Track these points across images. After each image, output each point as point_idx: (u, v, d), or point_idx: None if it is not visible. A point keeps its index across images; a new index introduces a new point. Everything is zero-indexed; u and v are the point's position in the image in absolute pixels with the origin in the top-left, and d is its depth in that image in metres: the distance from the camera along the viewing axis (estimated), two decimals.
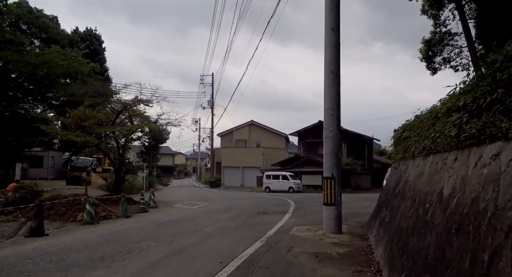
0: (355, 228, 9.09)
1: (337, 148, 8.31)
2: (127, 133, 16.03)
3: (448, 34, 17.22)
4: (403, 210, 5.36)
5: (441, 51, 17.79)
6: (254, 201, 17.72)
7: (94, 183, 29.09)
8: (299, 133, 40.37)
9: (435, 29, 17.27)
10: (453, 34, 17.17)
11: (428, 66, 17.97)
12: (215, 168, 49.77)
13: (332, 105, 8.31)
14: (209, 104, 48.35)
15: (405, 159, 6.79)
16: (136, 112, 17.50)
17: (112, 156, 17.68)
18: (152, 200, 15.17)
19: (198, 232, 7.97)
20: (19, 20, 29.37)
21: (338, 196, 8.24)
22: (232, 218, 10.51)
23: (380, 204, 7.98)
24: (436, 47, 17.53)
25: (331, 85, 8.30)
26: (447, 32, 17.18)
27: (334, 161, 8.27)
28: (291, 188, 30.65)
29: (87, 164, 30.50)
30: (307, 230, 8.55)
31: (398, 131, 7.53)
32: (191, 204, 16.15)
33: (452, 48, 17.67)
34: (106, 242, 6.66)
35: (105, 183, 26.63)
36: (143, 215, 12.35)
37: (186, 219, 10.43)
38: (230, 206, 14.35)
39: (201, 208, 14.16)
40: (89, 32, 44.09)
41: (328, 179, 8.27)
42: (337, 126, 8.34)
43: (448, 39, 17.38)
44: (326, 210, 8.29)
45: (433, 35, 17.26)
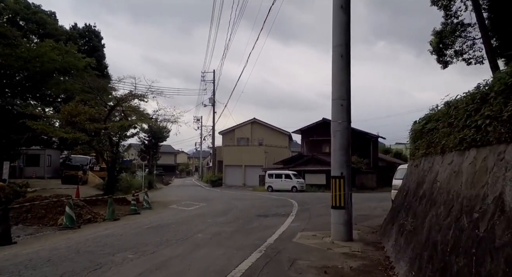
0: (367, 234, 8.05)
1: (347, 143, 7.28)
2: (118, 130, 15.05)
3: (461, 25, 16.14)
4: (433, 218, 4.33)
5: (452, 43, 16.73)
6: (255, 201, 16.71)
7: (91, 182, 28.19)
8: (302, 131, 39.31)
9: (446, 21, 16.21)
10: (466, 25, 16.10)
11: (439, 59, 16.90)
12: (217, 167, 48.82)
13: (341, 94, 7.27)
14: (210, 102, 47.38)
15: (429, 155, 5.75)
16: (130, 107, 16.51)
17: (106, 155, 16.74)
18: (146, 201, 14.19)
19: (187, 239, 6.96)
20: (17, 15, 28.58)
21: (348, 198, 7.20)
22: (229, 222, 9.50)
23: (398, 207, 6.94)
24: (448, 39, 16.44)
25: (340, 71, 7.26)
26: (459, 23, 16.11)
27: (344, 158, 7.23)
28: (294, 188, 29.65)
29: (84, 162, 29.63)
30: (313, 237, 7.52)
31: (419, 122, 6.47)
32: (187, 205, 15.17)
33: (464, 40, 16.59)
34: (75, 254, 5.67)
35: (102, 182, 25.73)
36: (133, 217, 11.38)
37: (178, 222, 9.44)
38: (229, 208, 13.35)
39: (197, 210, 13.18)
40: (88, 28, 43.20)
41: (337, 178, 7.23)
42: (347, 118, 7.29)
43: (460, 30, 16.31)
44: (335, 214, 7.25)
45: (444, 26, 16.21)
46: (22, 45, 21.66)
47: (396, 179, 17.08)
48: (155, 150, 42.49)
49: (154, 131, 40.47)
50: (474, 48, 16.50)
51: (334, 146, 7.37)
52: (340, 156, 7.26)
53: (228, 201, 16.72)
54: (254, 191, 30.94)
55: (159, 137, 41.20)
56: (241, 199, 18.15)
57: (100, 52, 42.55)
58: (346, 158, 7.27)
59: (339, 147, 7.27)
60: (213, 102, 46.71)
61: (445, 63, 17.11)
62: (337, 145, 7.29)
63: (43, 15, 33.12)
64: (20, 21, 29.24)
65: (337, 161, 7.29)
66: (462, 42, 16.72)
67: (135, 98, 16.72)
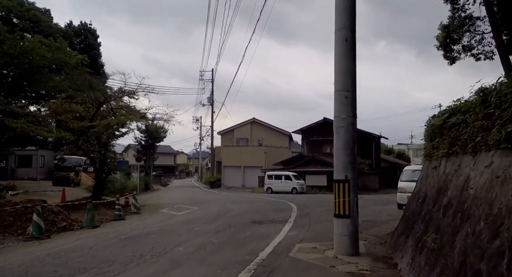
0: (375, 245, 7.04)
1: (352, 141, 6.26)
2: (104, 129, 14.04)
3: (469, 18, 15.15)
4: (469, 238, 3.32)
5: (460, 38, 15.73)
6: (252, 205, 15.70)
7: (84, 184, 27.23)
8: (303, 131, 38.31)
9: (453, 14, 15.23)
10: (475, 18, 15.10)
11: (446, 55, 15.89)
12: (216, 168, 47.83)
13: (346, 85, 6.25)
14: (209, 101, 46.39)
15: (453, 155, 4.74)
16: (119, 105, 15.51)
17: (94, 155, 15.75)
18: (133, 205, 13.19)
19: (165, 254, 5.95)
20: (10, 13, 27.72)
21: (354, 205, 6.19)
22: (218, 230, 8.48)
23: (412, 217, 5.92)
24: (456, 33, 15.43)
25: (344, 57, 6.25)
26: (467, 17, 15.13)
27: (349, 159, 6.22)
28: (294, 189, 28.64)
29: (77, 163, 28.68)
30: (313, 250, 6.51)
31: (439, 117, 5.45)
32: (179, 209, 14.16)
33: (473, 35, 15.59)
34: None
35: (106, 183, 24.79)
36: (115, 224, 10.39)
37: (161, 231, 8.43)
38: (222, 212, 12.34)
39: (188, 215, 12.17)
40: (84, 26, 42.31)
41: (341, 182, 6.22)
42: (353, 112, 6.28)
43: (468, 24, 15.32)
44: (338, 224, 6.23)
45: (451, 20, 15.23)
46: (8, 40, 20.73)
47: (403, 181, 16.05)
48: (152, 151, 41.48)
49: (151, 131, 39.48)
50: (483, 43, 15.53)
51: (337, 145, 6.36)
52: (344, 156, 6.24)
53: (223, 205, 15.71)
54: (252, 193, 29.94)
55: (156, 137, 40.19)
56: (237, 202, 17.13)
57: (96, 51, 41.64)
58: (351, 158, 6.26)
59: (343, 145, 6.26)
60: (211, 101, 45.76)
61: (453, 59, 16.10)
62: (340, 143, 6.28)
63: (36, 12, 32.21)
64: (14, 19, 28.41)
65: (340, 162, 6.28)
66: (470, 36, 15.73)
67: (125, 95, 15.72)
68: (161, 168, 79.95)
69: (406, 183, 15.73)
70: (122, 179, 27.80)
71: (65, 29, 38.40)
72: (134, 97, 16.07)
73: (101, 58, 41.77)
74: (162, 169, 79.64)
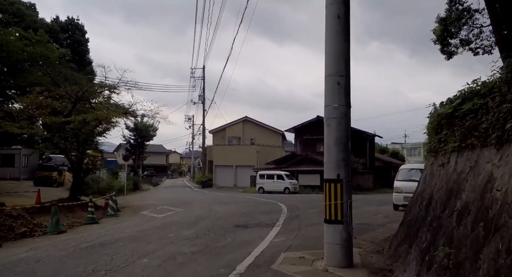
0: (371, 253, 6.18)
1: (345, 135, 5.40)
2: (80, 126, 13.02)
3: (467, 11, 14.42)
4: (504, 258, 2.49)
5: (458, 32, 15.01)
6: (240, 206, 14.80)
7: (68, 184, 26.10)
8: (296, 129, 37.51)
9: (450, 7, 14.50)
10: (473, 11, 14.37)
11: (443, 49, 15.17)
12: (207, 167, 46.86)
13: (338, 69, 5.39)
14: (200, 99, 45.39)
15: (467, 149, 3.90)
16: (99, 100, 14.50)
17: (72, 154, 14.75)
18: (111, 207, 12.22)
19: (124, 268, 5.04)
20: None
21: (348, 209, 5.32)
22: (196, 236, 7.57)
23: (415, 222, 5.07)
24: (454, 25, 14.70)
25: (337, 37, 5.38)
26: (465, 9, 14.39)
27: (342, 155, 5.35)
28: (286, 189, 27.82)
29: (61, 162, 27.53)
30: (300, 261, 5.64)
31: (448, 104, 4.60)
32: (161, 211, 13.24)
33: (471, 28, 14.88)
34: None
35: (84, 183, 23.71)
36: (85, 229, 9.43)
37: (132, 238, 7.50)
38: (206, 215, 11.44)
39: (168, 218, 11.25)
40: (71, 21, 41.15)
41: (332, 182, 5.36)
42: (346, 101, 5.42)
43: (466, 17, 14.60)
44: (329, 231, 5.37)
45: (448, 13, 14.50)
46: None
47: (399, 181, 15.25)
48: (142, 150, 40.37)
49: (140, 130, 38.42)
50: (481, 36, 14.84)
51: (328, 139, 5.49)
52: (336, 152, 5.38)
53: (209, 206, 14.79)
54: (244, 193, 29.07)
55: (145, 135, 39.12)
56: (225, 203, 16.23)
57: (84, 47, 40.53)
58: (345, 155, 5.39)
59: (334, 140, 5.39)
60: (203, 99, 44.79)
61: (450, 54, 15.38)
62: (332, 137, 5.41)
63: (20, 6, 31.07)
64: None
65: (332, 160, 5.41)
66: (468, 30, 15.01)
67: (105, 90, 14.73)
68: (153, 168, 78.80)
69: (403, 182, 14.96)
70: (108, 178, 26.73)
71: (51, 24, 37.26)
72: (115, 91, 15.11)
73: (89, 55, 40.65)
74: (154, 168, 78.49)
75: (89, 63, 39.20)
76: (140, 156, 40.80)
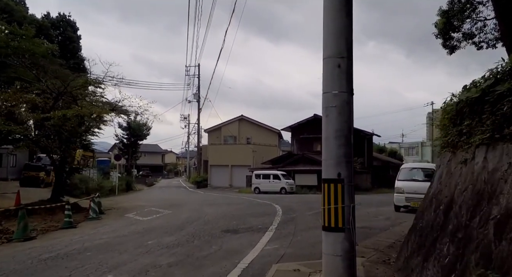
0: (376, 264, 5.38)
1: (347, 127, 4.57)
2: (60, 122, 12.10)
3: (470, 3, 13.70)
4: None
5: (460, 25, 14.29)
6: (232, 207, 13.97)
7: None
8: (292, 128, 36.73)
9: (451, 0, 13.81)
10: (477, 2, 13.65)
11: (445, 43, 14.42)
12: (202, 167, 46.00)
13: (338, 49, 4.57)
14: (195, 98, 44.49)
15: (503, 141, 3.10)
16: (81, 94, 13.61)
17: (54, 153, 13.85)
18: (93, 210, 11.35)
19: None
20: None
21: (350, 215, 4.50)
22: (177, 243, 6.73)
23: (430, 230, 4.26)
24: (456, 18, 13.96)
25: (337, 12, 4.56)
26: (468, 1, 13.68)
27: (343, 151, 4.53)
28: (283, 189, 27.02)
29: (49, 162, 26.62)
30: (294, 274, 4.83)
31: (475, 88, 3.79)
32: (148, 213, 12.39)
33: (474, 21, 14.16)
34: None
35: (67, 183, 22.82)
36: (58, 234, 8.52)
37: (104, 246, 6.64)
38: (194, 218, 10.59)
39: (153, 221, 10.40)
40: (62, 17, 40.16)
41: (331, 183, 4.54)
42: (349, 87, 4.59)
43: (469, 9, 13.88)
44: (328, 240, 4.54)
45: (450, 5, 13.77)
46: None
47: (400, 181, 14.47)
48: (135, 149, 39.43)
49: (133, 128, 37.48)
50: (485, 30, 14.13)
51: (326, 132, 4.66)
52: (336, 147, 4.55)
53: (199, 208, 13.95)
54: (239, 193, 28.24)
55: (138, 135, 38.17)
56: (217, 205, 15.40)
57: (76, 44, 39.56)
58: (346, 150, 4.56)
59: (334, 133, 4.55)
60: (197, 97, 43.88)
61: (452, 48, 14.62)
62: (331, 130, 4.58)
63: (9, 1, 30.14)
64: None
65: (331, 156, 4.58)
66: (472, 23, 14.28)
67: (89, 84, 13.85)
68: (149, 168, 77.88)
69: (404, 182, 14.20)
70: (98, 179, 25.82)
71: (41, 20, 36.31)
72: (100, 86, 14.23)
73: (81, 52, 39.66)
74: (149, 168, 77.56)
75: (82, 60, 38.23)
76: (133, 155, 39.85)
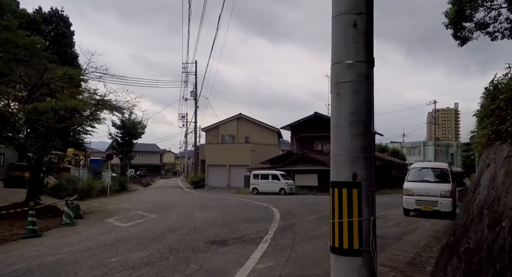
0: None
1: (366, 110, 3.30)
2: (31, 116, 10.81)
3: None
4: None
5: (472, 14, 13.09)
6: (225, 211, 12.70)
7: None
8: (292, 127, 35.47)
9: None
10: None
11: (456, 34, 13.25)
12: (200, 167, 44.75)
13: (354, 2, 3.30)
14: (192, 95, 43.25)
15: None
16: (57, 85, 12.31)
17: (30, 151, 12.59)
18: (66, 215, 10.07)
19: None
20: None
21: (370, 232, 3.23)
22: (148, 260, 5.45)
23: (487, 255, 3.00)
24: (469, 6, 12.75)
25: None
26: None
27: (360, 143, 3.25)
28: (282, 190, 25.78)
29: None
30: None
31: None
32: (131, 218, 11.13)
33: (488, 10, 12.97)
34: None
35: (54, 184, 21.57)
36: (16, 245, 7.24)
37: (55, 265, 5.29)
38: (180, 224, 9.32)
39: (132, 228, 9.11)
40: (55, 12, 38.97)
41: (343, 187, 3.27)
42: (367, 55, 3.32)
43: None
44: (340, 267, 3.28)
45: None
46: None
47: (410, 182, 13.18)
48: (129, 148, 38.15)
49: (127, 127, 36.19)
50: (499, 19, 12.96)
51: (337, 118, 3.37)
52: (350, 138, 3.27)
53: (189, 211, 12.68)
54: (237, 194, 26.99)
55: (133, 133, 36.89)
56: (209, 207, 14.13)
57: (68, 40, 38.34)
58: (364, 142, 3.28)
59: (348, 118, 3.27)
60: (195, 95, 42.64)
61: (464, 39, 13.47)
62: (343, 114, 3.30)
63: None
64: None
65: (343, 150, 3.29)
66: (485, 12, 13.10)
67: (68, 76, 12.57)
68: (146, 167, 76.75)
69: (414, 184, 12.95)
70: (88, 179, 24.53)
71: (32, 15, 35.12)
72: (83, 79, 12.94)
73: (75, 48, 38.42)
74: (147, 168, 76.46)
75: (75, 57, 37.01)
76: (127, 155, 38.58)
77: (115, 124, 36.11)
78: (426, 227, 9.83)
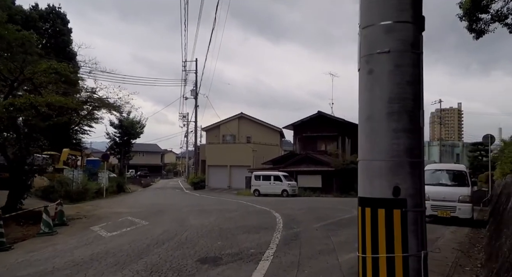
0: None
1: (413, 94, 2.25)
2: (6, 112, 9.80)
3: None
4: None
5: (488, 5, 12.01)
6: (223, 217, 11.66)
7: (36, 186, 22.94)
8: (295, 126, 34.40)
9: None
10: None
11: (471, 26, 12.17)
12: (200, 167, 43.74)
13: None
14: (192, 94, 42.24)
15: None
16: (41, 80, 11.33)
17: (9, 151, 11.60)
18: (45, 223, 9.04)
19: None
20: None
21: (422, 274, 2.17)
22: None
23: None
24: None
25: None
26: None
27: (404, 142, 2.21)
28: (284, 192, 24.75)
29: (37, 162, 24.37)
30: None
31: None
32: (119, 226, 10.11)
33: (507, 0, 11.90)
34: None
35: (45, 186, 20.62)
36: None
37: None
38: (170, 234, 8.27)
39: (116, 239, 8.08)
40: (52, 9, 38.06)
41: (379, 207, 2.22)
42: (414, 13, 2.27)
43: None
44: None
45: None
46: None
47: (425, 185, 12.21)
48: (128, 148, 37.21)
49: (125, 126, 35.27)
50: None
51: (370, 105, 2.33)
52: (390, 134, 2.23)
53: (184, 217, 11.65)
54: (237, 196, 25.98)
55: (131, 133, 35.95)
56: (207, 212, 13.10)
57: (66, 37, 37.41)
58: (411, 141, 2.24)
59: (387, 106, 2.24)
60: (195, 93, 41.63)
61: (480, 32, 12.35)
62: (379, 100, 2.26)
63: None
64: None
65: (378, 151, 2.26)
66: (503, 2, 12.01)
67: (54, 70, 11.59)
68: (147, 168, 75.88)
69: (429, 187, 11.81)
70: (83, 180, 23.55)
71: (28, 11, 34.25)
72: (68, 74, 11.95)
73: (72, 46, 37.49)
74: (148, 168, 75.60)
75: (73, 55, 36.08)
76: (126, 155, 37.64)
77: (112, 123, 35.26)
78: (447, 237, 8.79)
